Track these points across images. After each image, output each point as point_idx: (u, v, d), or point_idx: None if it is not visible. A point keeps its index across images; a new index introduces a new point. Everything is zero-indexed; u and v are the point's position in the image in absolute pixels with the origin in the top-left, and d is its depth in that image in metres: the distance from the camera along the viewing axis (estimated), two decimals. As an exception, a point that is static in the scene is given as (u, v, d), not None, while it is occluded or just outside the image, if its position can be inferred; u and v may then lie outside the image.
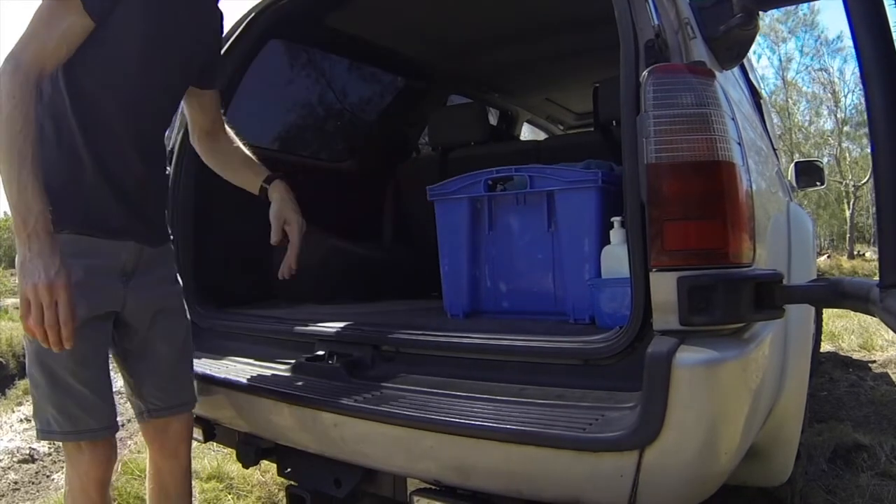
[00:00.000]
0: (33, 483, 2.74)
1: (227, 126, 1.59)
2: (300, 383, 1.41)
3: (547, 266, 1.52)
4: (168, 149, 1.77)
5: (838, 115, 20.84)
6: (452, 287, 1.66)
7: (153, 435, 1.45)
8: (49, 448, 3.13)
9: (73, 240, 1.22)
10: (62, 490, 2.57)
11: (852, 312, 4.54)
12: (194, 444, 1.55)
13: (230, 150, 1.58)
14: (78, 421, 1.24)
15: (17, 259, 1.11)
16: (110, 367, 1.33)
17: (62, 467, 2.91)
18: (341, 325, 1.52)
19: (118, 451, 1.36)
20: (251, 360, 1.62)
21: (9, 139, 1.07)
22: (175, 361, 1.43)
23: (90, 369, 1.25)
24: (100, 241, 1.26)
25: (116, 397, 1.35)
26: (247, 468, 1.76)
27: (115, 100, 1.24)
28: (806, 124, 22.44)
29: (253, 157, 1.57)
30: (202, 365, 1.57)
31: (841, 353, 4.70)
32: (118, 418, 1.33)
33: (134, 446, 2.91)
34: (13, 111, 1.08)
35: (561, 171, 1.52)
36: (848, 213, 20.00)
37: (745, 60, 1.84)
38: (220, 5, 1.45)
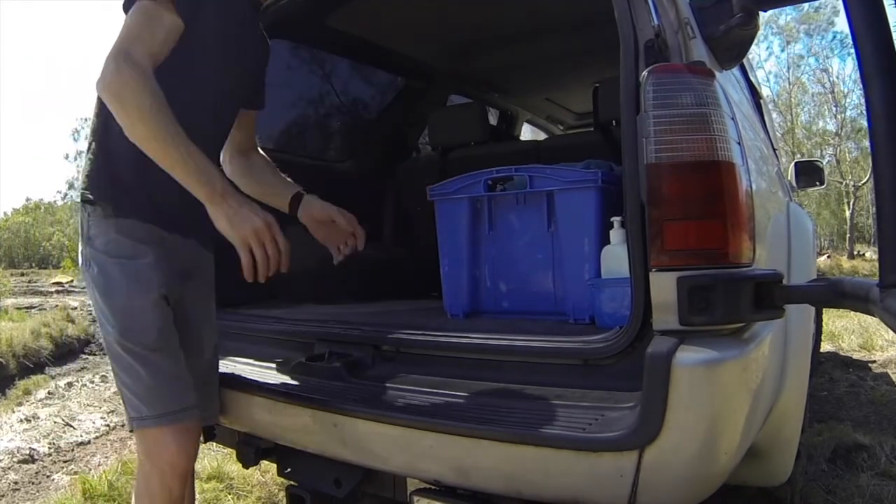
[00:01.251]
0: (33, 483, 2.74)
1: (258, 145, 1.64)
2: (300, 383, 1.41)
3: (547, 266, 1.53)
4: None
5: (839, 116, 20.84)
6: (452, 287, 1.66)
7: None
8: (49, 448, 3.14)
9: (142, 227, 1.28)
10: (62, 490, 2.58)
11: (852, 312, 4.54)
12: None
13: (262, 167, 1.62)
14: (168, 400, 1.26)
15: (220, 222, 1.19)
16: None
17: (62, 467, 2.91)
18: (341, 325, 1.52)
19: (119, 451, 1.35)
20: (251, 360, 1.62)
21: (163, 129, 1.13)
22: (211, 371, 1.46)
23: (172, 345, 1.29)
24: (165, 234, 1.31)
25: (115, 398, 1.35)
26: (247, 468, 1.76)
27: (194, 102, 1.27)
28: (808, 124, 22.45)
29: (282, 174, 1.61)
30: (202, 365, 1.56)
31: (841, 353, 4.70)
32: (119, 418, 1.33)
33: (135, 446, 2.91)
34: (153, 102, 1.13)
35: (561, 171, 1.51)
36: (848, 213, 20.00)
37: (744, 60, 1.84)
38: None
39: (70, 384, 4.52)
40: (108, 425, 3.47)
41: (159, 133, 1.13)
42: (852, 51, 0.91)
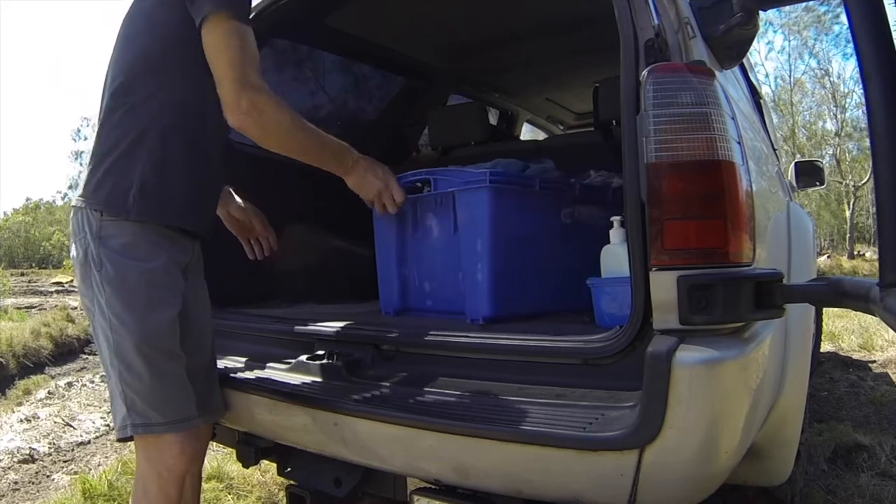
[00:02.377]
0: (33, 483, 2.74)
1: None
2: (300, 383, 1.41)
3: (455, 266, 1.54)
4: None
5: (839, 116, 20.83)
6: (386, 285, 1.71)
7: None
8: (49, 448, 3.14)
9: (159, 230, 1.30)
10: (62, 490, 2.57)
11: (852, 312, 4.55)
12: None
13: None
14: (181, 408, 1.27)
15: (352, 185, 1.48)
16: None
17: (62, 467, 2.91)
18: (341, 324, 1.52)
19: (119, 452, 1.36)
20: (251, 360, 1.62)
21: (303, 130, 1.33)
22: (212, 368, 1.46)
23: (181, 353, 1.30)
24: (177, 236, 1.34)
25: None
26: (247, 468, 1.77)
27: (216, 112, 1.27)
28: (808, 124, 22.43)
29: None
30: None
31: (841, 353, 4.70)
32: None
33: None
34: (290, 115, 1.29)
35: (459, 172, 1.54)
36: (848, 213, 20.00)
37: (745, 60, 1.84)
38: None
39: (70, 384, 4.52)
40: (108, 425, 3.46)
41: (306, 142, 1.34)
42: (852, 50, 0.91)
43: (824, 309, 4.13)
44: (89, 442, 3.26)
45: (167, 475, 1.28)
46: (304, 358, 1.49)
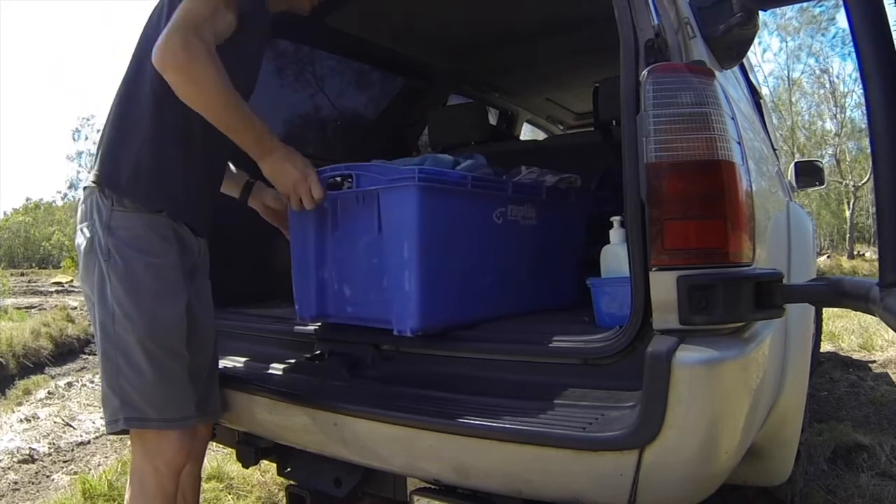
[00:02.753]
0: (33, 483, 2.74)
1: None
2: (300, 383, 1.41)
3: (381, 271, 1.38)
4: None
5: (839, 116, 20.83)
6: (302, 289, 1.52)
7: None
8: (49, 448, 3.14)
9: (168, 224, 1.31)
10: (62, 490, 2.57)
11: (852, 312, 4.55)
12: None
13: None
14: (179, 406, 1.26)
15: (266, 173, 1.35)
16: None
17: (62, 467, 2.91)
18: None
19: (119, 451, 1.35)
20: (251, 360, 1.62)
21: (228, 92, 1.22)
22: (214, 367, 1.46)
23: (185, 358, 1.30)
24: (184, 232, 1.34)
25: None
26: (247, 468, 1.76)
27: None
28: (808, 124, 22.43)
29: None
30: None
31: (841, 353, 4.70)
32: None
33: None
34: (219, 71, 1.20)
35: (384, 168, 1.38)
36: (848, 213, 20.00)
37: (744, 60, 1.84)
38: None
39: (70, 384, 4.52)
40: (108, 425, 3.46)
41: (228, 107, 1.23)
42: (852, 49, 0.91)
43: (824, 309, 4.13)
44: (89, 442, 3.26)
45: (165, 470, 1.27)
46: (304, 358, 1.49)
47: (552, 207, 1.68)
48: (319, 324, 1.55)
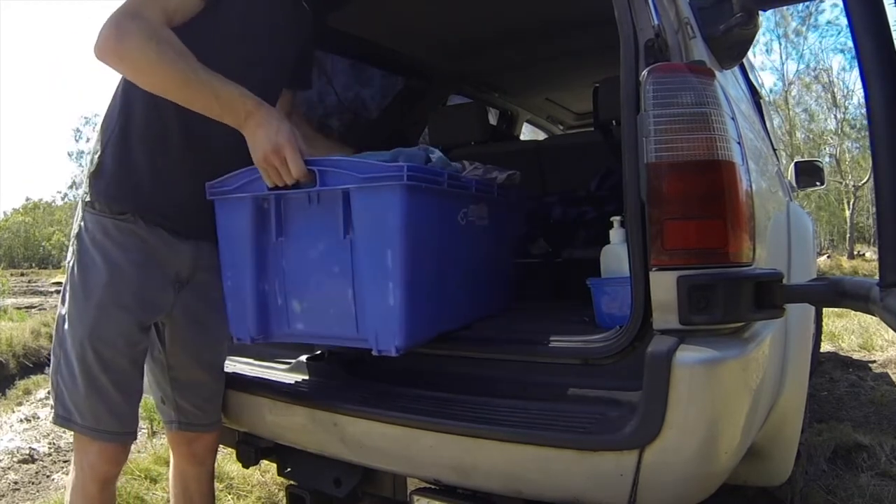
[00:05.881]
0: (33, 483, 2.74)
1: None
2: (300, 383, 1.41)
3: (346, 282, 1.20)
4: None
5: (839, 116, 20.82)
6: (236, 306, 1.31)
7: (181, 443, 1.46)
8: (49, 448, 3.14)
9: (131, 229, 1.25)
10: (62, 490, 2.57)
11: (852, 312, 4.54)
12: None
13: (312, 134, 1.62)
14: (101, 420, 1.24)
15: (247, 137, 1.15)
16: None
17: (62, 467, 2.91)
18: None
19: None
20: (251, 360, 1.62)
21: (171, 65, 1.10)
22: (216, 381, 1.45)
23: (126, 374, 1.26)
24: (159, 236, 1.28)
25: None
26: (247, 468, 1.76)
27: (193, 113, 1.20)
28: (807, 124, 22.41)
29: (332, 138, 1.64)
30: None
31: (841, 353, 4.70)
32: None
33: (134, 446, 2.90)
34: (159, 44, 1.09)
35: (357, 164, 1.17)
36: (848, 213, 19.99)
37: (744, 60, 1.84)
38: None
39: (70, 384, 4.51)
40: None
41: (177, 80, 1.11)
42: (847, 44, 0.91)
43: (824, 309, 4.12)
44: (89, 442, 3.25)
45: (88, 471, 1.26)
46: (303, 358, 1.49)
47: (500, 206, 1.61)
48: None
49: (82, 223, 1.27)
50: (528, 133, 4.03)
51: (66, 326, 1.25)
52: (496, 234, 1.57)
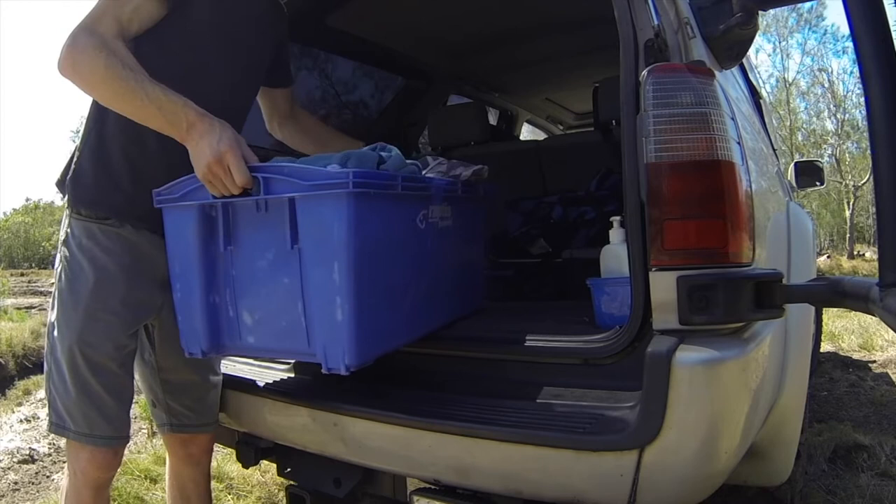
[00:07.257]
0: (33, 483, 2.74)
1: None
2: (300, 383, 1.41)
3: (296, 294, 1.12)
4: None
5: (839, 116, 20.81)
6: (186, 318, 1.24)
7: (175, 445, 1.46)
8: (49, 448, 3.14)
9: (117, 233, 1.25)
10: (62, 490, 2.57)
11: (852, 312, 4.54)
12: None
13: (314, 125, 1.66)
14: (93, 425, 1.24)
15: (190, 150, 1.13)
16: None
17: (62, 468, 2.91)
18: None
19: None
20: (251, 360, 1.62)
21: (118, 79, 1.10)
22: (207, 381, 1.44)
23: (117, 378, 1.26)
24: (145, 239, 1.28)
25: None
26: (247, 468, 1.76)
27: (196, 95, 1.17)
28: (807, 124, 22.41)
29: (334, 130, 1.65)
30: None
31: (841, 353, 4.70)
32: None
33: (134, 447, 2.91)
34: (108, 58, 1.10)
35: (302, 170, 1.09)
36: (848, 213, 19.99)
37: (744, 60, 1.84)
38: None
39: (70, 384, 4.51)
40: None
41: (121, 93, 1.11)
42: (847, 46, 0.91)
43: (824, 309, 4.12)
44: (89, 442, 3.25)
45: (80, 477, 1.28)
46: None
47: (465, 204, 1.53)
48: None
49: (69, 229, 1.28)
50: (528, 133, 4.04)
51: (55, 333, 1.25)
52: (462, 234, 1.51)
